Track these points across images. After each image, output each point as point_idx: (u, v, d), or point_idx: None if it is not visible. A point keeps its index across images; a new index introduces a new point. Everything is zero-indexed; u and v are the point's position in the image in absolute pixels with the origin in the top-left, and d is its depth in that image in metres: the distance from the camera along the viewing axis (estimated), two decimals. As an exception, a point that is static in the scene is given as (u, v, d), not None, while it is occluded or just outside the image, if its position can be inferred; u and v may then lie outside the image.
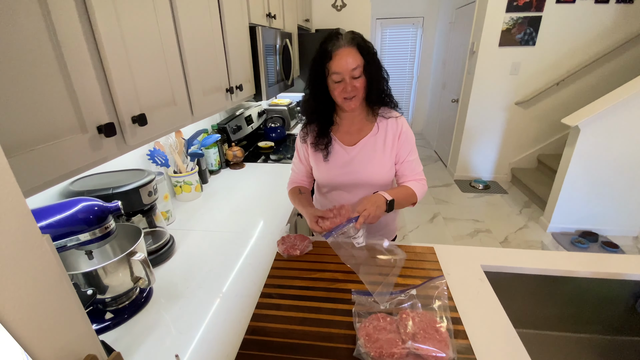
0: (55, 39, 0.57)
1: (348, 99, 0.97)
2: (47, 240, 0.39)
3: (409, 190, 1.06)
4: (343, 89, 0.95)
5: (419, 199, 1.08)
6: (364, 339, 0.69)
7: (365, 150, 1.07)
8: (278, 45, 1.86)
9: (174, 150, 1.42)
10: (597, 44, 3.07)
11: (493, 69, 3.28)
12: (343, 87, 0.95)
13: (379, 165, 1.07)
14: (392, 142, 1.06)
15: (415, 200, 1.07)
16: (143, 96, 0.81)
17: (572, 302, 1.01)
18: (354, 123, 1.09)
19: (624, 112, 2.30)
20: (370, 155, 1.07)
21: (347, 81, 0.94)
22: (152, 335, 0.79)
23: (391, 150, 1.07)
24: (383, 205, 0.96)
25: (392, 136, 1.06)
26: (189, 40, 1.00)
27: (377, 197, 0.97)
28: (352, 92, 0.95)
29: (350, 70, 0.92)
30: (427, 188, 1.14)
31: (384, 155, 1.07)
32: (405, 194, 1.05)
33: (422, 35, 5.03)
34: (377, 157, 1.07)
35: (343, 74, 0.93)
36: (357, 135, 1.08)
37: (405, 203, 1.06)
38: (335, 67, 0.93)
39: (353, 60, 0.92)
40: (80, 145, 0.63)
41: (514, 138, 3.58)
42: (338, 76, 0.94)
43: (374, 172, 1.08)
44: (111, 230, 0.77)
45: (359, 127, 1.08)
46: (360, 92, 0.97)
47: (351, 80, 0.94)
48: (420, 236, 2.81)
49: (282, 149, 2.27)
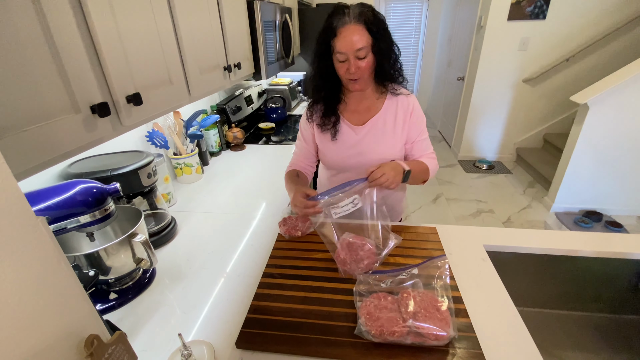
0: (42, 15, 0.55)
1: (352, 81, 0.93)
2: (42, 223, 0.38)
3: (423, 165, 1.02)
4: (347, 69, 0.91)
5: (431, 176, 1.05)
6: (364, 317, 0.70)
7: (375, 130, 1.03)
8: (277, 21, 1.79)
9: (173, 131, 1.40)
10: (609, 17, 2.94)
11: (501, 45, 3.17)
12: (347, 68, 0.90)
13: (389, 145, 1.03)
14: (403, 122, 1.02)
15: (427, 177, 1.04)
16: (137, 75, 0.78)
17: (574, 281, 1.01)
18: (362, 101, 1.04)
19: (634, 89, 2.23)
20: (379, 135, 1.03)
21: (352, 62, 0.89)
22: (156, 314, 0.80)
23: (402, 130, 1.03)
24: (401, 174, 0.92)
25: (403, 115, 1.02)
26: (183, 16, 0.96)
27: (396, 164, 0.92)
28: (356, 73, 0.90)
29: (355, 50, 0.87)
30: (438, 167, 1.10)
31: (394, 135, 1.02)
32: (421, 168, 1.01)
33: (428, 10, 4.84)
34: (387, 138, 1.03)
35: (347, 54, 0.88)
36: (365, 115, 1.04)
37: (419, 177, 1.02)
38: (340, 47, 0.88)
39: (359, 39, 0.87)
40: (74, 125, 0.61)
41: (520, 117, 3.50)
42: (342, 56, 0.89)
43: (383, 153, 1.03)
44: (111, 212, 0.77)
45: (368, 106, 1.04)
46: (365, 73, 0.92)
47: (355, 60, 0.89)
48: (423, 217, 2.81)
49: (283, 130, 2.24)
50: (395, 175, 0.90)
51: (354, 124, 1.04)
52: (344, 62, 0.91)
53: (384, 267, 0.90)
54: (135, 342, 0.73)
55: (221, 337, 0.73)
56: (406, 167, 0.94)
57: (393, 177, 0.89)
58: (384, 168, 0.90)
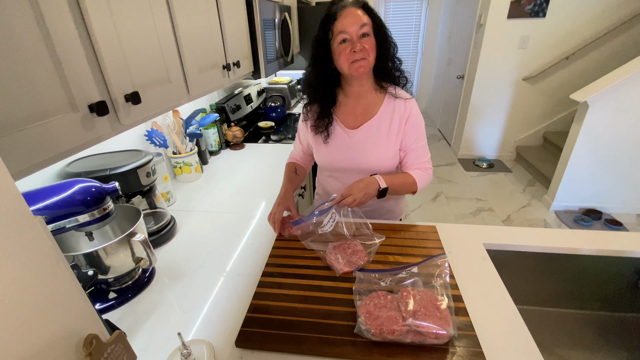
0: (39, 14, 0.54)
1: (357, 61, 0.89)
2: (39, 222, 0.38)
3: (409, 178, 1.00)
4: (351, 49, 0.88)
5: (420, 188, 1.02)
6: (364, 316, 0.69)
7: (369, 134, 1.00)
8: (277, 19, 1.79)
9: (172, 130, 1.40)
10: (608, 15, 2.93)
11: (501, 43, 3.16)
12: (351, 48, 0.88)
13: (382, 151, 1.01)
14: (398, 128, 0.99)
15: (415, 189, 1.02)
16: (136, 73, 0.78)
17: (574, 279, 1.01)
18: (359, 103, 1.01)
19: (634, 87, 2.23)
20: (373, 140, 1.00)
21: (355, 40, 0.87)
22: (155, 313, 0.80)
23: (396, 136, 1.00)
24: (373, 192, 0.92)
25: (399, 121, 0.99)
26: (182, 14, 0.96)
27: (370, 183, 0.93)
28: (361, 53, 0.88)
29: (358, 27, 0.86)
30: (432, 177, 1.07)
31: (388, 141, 1.00)
32: (404, 182, 0.99)
33: (427, 9, 4.83)
34: (380, 143, 1.00)
35: (350, 33, 0.87)
36: (361, 118, 1.01)
37: (402, 191, 1.01)
38: (341, 26, 0.87)
39: (362, 16, 0.87)
40: (72, 124, 0.61)
41: (520, 115, 3.50)
42: (344, 35, 0.87)
43: (376, 158, 1.01)
44: (110, 211, 0.76)
45: (364, 109, 1.01)
46: (370, 55, 0.89)
47: (359, 39, 0.87)
48: (423, 215, 2.81)
49: (282, 129, 2.23)
50: (364, 196, 0.91)
51: (348, 127, 1.02)
52: (346, 44, 0.88)
53: (384, 265, 0.90)
54: (135, 341, 0.73)
55: (221, 336, 0.73)
56: (382, 185, 0.93)
57: (360, 198, 0.90)
58: (353, 190, 0.91)
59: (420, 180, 1.01)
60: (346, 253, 0.91)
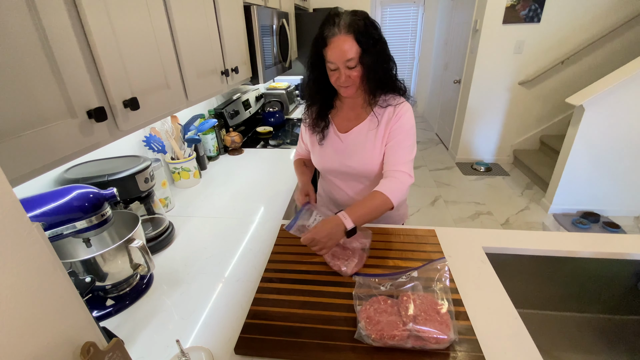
0: (38, 20, 0.55)
1: (343, 87, 0.94)
2: (37, 229, 0.37)
3: (376, 199, 0.92)
4: (337, 77, 0.92)
5: (397, 199, 0.94)
6: (364, 321, 0.69)
7: (358, 138, 1.03)
8: (275, 25, 1.80)
9: (171, 136, 1.40)
10: (603, 20, 2.97)
11: (496, 48, 3.19)
12: (337, 77, 0.92)
13: (368, 155, 1.02)
14: (384, 130, 1.00)
15: (391, 205, 0.93)
16: (134, 79, 0.78)
17: (573, 283, 1.01)
18: (353, 109, 1.05)
19: (629, 91, 2.25)
20: (361, 144, 1.03)
21: (342, 71, 0.90)
22: (153, 320, 0.79)
23: (382, 139, 1.01)
24: (340, 235, 0.87)
25: (386, 124, 1.00)
26: (180, 20, 0.96)
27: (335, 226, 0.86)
28: (345, 82, 0.92)
29: (344, 61, 0.88)
30: (412, 181, 0.98)
31: (374, 145, 1.01)
32: (374, 207, 0.92)
33: (424, 14, 4.88)
34: (368, 147, 1.02)
35: (337, 64, 0.89)
36: (353, 122, 1.04)
37: (377, 214, 0.93)
38: (330, 57, 0.89)
39: (348, 50, 0.86)
40: (70, 130, 0.61)
41: (517, 119, 3.52)
42: (333, 65, 0.90)
43: (363, 162, 1.03)
44: (108, 217, 0.76)
45: (357, 114, 1.04)
46: (356, 81, 0.93)
47: (345, 70, 0.90)
48: (422, 219, 2.81)
49: (281, 134, 2.24)
50: (329, 241, 0.85)
51: (341, 130, 1.06)
52: (335, 71, 0.92)
53: (383, 270, 0.89)
54: (133, 349, 0.72)
55: (220, 343, 0.72)
56: (349, 226, 0.87)
57: (324, 244, 0.85)
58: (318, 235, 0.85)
59: (392, 191, 0.93)
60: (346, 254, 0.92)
